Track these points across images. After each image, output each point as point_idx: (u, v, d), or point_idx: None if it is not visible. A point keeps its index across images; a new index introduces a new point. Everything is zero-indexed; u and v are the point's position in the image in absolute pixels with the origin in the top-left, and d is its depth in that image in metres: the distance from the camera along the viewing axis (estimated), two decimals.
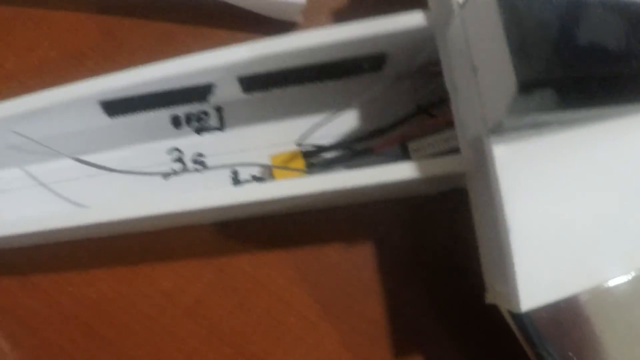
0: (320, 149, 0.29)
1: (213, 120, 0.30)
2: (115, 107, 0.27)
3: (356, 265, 0.30)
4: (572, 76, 0.19)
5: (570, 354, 0.22)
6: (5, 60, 0.32)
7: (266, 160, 0.29)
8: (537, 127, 0.21)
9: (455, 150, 0.24)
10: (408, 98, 0.28)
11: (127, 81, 0.25)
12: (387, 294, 0.29)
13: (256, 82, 0.28)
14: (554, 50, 0.19)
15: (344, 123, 0.29)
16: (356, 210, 0.30)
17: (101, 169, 0.28)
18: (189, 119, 0.30)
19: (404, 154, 0.28)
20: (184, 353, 0.29)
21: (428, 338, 0.29)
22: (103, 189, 0.29)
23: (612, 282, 0.22)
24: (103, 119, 0.28)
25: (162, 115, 0.29)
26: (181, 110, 0.30)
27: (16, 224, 0.26)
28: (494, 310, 0.24)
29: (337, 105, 0.29)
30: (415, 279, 0.29)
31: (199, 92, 0.28)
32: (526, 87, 0.19)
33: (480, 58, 0.21)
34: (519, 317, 0.21)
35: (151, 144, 0.30)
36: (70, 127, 0.28)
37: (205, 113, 0.30)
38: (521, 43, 0.19)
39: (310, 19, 0.31)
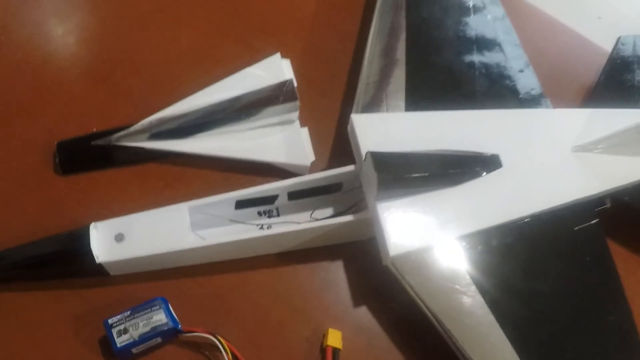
0: (317, 219, 0.79)
1: (275, 212, 0.80)
2: (239, 204, 0.77)
3: (336, 273, 0.79)
4: (400, 178, 0.71)
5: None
6: (178, 190, 0.82)
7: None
8: (392, 196, 0.72)
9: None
10: (353, 198, 0.79)
11: (248, 192, 0.76)
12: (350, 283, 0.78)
13: (294, 195, 0.79)
14: (391, 171, 0.71)
15: (327, 210, 0.80)
16: (336, 247, 0.79)
17: (239, 223, 0.78)
18: (264, 211, 0.80)
19: None
20: (262, 307, 0.76)
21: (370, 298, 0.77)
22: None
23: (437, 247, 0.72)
24: (232, 209, 0.78)
25: (254, 210, 0.80)
26: (261, 209, 0.80)
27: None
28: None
29: (324, 204, 0.80)
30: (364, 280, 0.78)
31: (270, 198, 0.78)
32: (381, 182, 0.70)
33: (369, 178, 0.73)
34: (392, 261, 0.70)
35: (249, 221, 0.79)
36: (216, 212, 0.77)
37: (271, 210, 0.80)
38: (379, 169, 0.70)
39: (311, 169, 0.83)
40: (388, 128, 0.79)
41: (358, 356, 0.74)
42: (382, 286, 0.76)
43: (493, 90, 0.87)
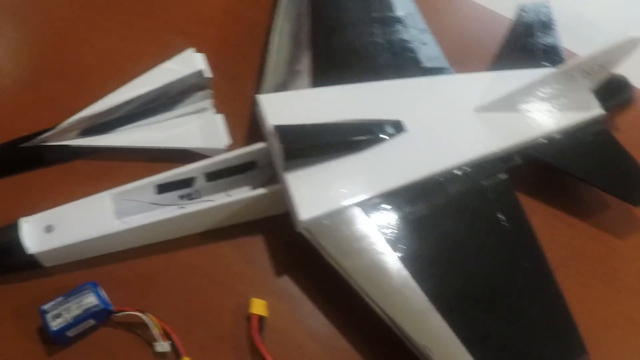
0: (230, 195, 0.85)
1: (195, 195, 0.86)
2: (160, 188, 0.83)
3: (257, 247, 0.84)
4: (304, 147, 0.77)
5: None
6: (105, 183, 0.88)
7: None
8: (299, 165, 0.77)
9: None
10: (267, 174, 0.85)
11: (165, 175, 0.82)
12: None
13: (211, 176, 0.84)
14: (295, 141, 0.77)
15: (244, 188, 0.86)
16: (256, 222, 0.85)
17: (158, 205, 0.83)
18: (185, 195, 0.86)
19: None
20: (189, 283, 0.82)
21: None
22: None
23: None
24: (154, 194, 0.84)
25: (174, 194, 0.85)
26: (182, 192, 0.85)
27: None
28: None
29: (241, 183, 0.86)
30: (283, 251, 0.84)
31: (188, 181, 0.84)
32: (286, 152, 0.76)
33: (276, 151, 0.78)
34: (304, 226, 0.76)
35: (171, 204, 0.85)
36: (139, 198, 0.83)
37: (192, 193, 0.86)
38: (283, 140, 0.76)
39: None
40: (294, 104, 0.85)
41: (284, 321, 0.80)
42: (301, 255, 0.81)
43: (396, 63, 0.94)
